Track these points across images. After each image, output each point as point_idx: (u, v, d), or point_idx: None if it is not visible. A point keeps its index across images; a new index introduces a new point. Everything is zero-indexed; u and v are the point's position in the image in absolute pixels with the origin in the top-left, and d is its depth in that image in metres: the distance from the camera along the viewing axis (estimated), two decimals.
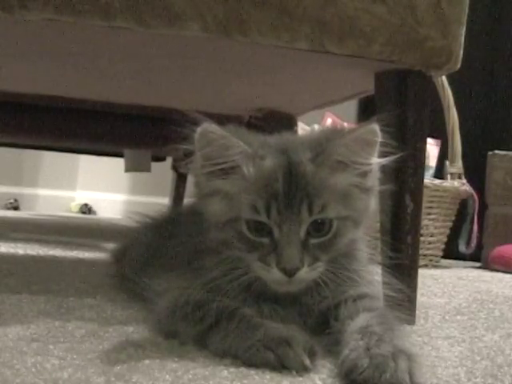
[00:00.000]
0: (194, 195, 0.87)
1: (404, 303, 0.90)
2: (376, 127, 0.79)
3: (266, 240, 0.79)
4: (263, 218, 0.78)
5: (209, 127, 0.78)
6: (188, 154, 0.82)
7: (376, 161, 0.81)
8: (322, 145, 0.81)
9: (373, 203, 0.85)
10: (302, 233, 0.78)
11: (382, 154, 0.82)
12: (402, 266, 1.00)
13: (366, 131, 0.79)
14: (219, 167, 0.81)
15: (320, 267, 0.79)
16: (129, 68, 1.29)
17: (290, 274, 0.77)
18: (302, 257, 0.77)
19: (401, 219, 1.02)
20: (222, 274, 0.82)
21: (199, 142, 0.80)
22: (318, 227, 0.79)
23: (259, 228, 0.79)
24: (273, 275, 0.78)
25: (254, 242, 0.79)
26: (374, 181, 0.84)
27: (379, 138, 0.79)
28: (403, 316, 0.86)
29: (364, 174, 0.82)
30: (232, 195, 0.81)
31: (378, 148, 0.80)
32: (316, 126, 2.42)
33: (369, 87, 1.10)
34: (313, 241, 0.79)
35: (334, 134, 0.83)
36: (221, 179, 0.81)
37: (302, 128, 2.27)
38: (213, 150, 0.80)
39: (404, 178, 1.02)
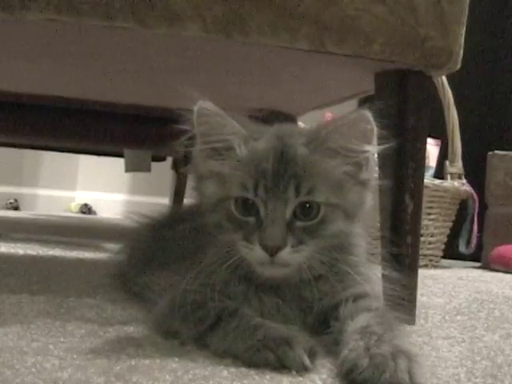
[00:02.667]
0: (191, 177, 0.88)
1: (404, 303, 0.90)
2: (367, 113, 0.78)
3: (252, 219, 0.79)
4: (250, 195, 0.79)
5: (204, 104, 0.80)
6: (184, 132, 0.83)
7: (369, 149, 0.81)
8: (316, 132, 0.82)
9: (369, 198, 0.85)
10: (288, 213, 0.78)
11: (377, 144, 0.82)
12: (402, 266, 1.00)
13: (357, 117, 0.79)
14: (214, 146, 0.82)
15: (304, 251, 0.79)
16: (129, 68, 1.29)
17: (271, 251, 0.77)
18: (286, 236, 0.77)
19: (401, 219, 1.02)
20: (214, 259, 0.82)
21: (196, 120, 0.81)
22: (306, 211, 0.79)
23: (247, 206, 0.80)
24: (255, 253, 0.78)
25: (240, 221, 0.80)
26: (370, 174, 0.84)
27: (372, 126, 0.79)
28: (403, 316, 0.86)
29: (359, 165, 0.82)
30: (224, 176, 0.81)
31: (372, 136, 0.80)
32: None
33: (369, 87, 1.10)
34: (299, 223, 0.79)
35: (329, 123, 0.84)
36: (215, 160, 0.82)
37: None
38: (208, 127, 0.81)
39: (404, 178, 1.02)
